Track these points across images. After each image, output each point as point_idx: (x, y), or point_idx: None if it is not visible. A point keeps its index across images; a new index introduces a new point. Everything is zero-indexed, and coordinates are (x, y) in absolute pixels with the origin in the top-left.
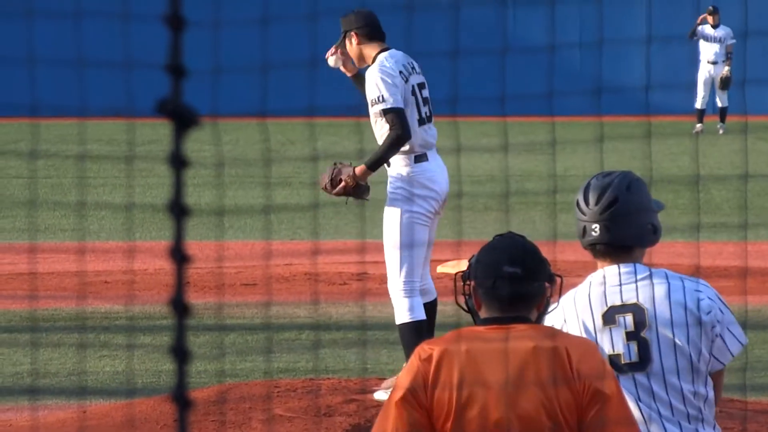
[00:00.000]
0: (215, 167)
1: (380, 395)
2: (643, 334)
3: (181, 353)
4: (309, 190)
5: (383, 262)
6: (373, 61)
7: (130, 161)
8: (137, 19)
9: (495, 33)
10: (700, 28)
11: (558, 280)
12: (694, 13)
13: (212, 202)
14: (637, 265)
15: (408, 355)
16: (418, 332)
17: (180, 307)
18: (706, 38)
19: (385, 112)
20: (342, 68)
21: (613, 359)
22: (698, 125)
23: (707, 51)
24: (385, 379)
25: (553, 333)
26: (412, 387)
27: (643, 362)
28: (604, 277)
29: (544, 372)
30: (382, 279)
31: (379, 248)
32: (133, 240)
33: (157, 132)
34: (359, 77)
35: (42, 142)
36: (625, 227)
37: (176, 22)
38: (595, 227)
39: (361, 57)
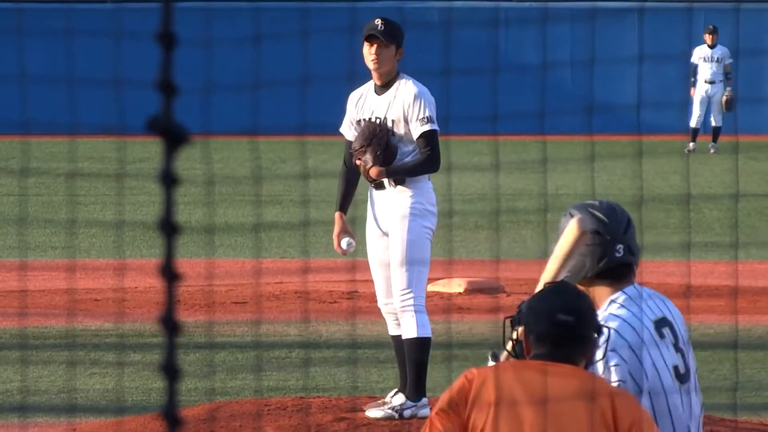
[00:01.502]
0: (206, 185)
1: (374, 413)
2: (680, 345)
3: (171, 371)
4: (299, 208)
5: (374, 281)
6: (395, 79)
7: (120, 179)
8: (128, 36)
9: (487, 52)
10: (696, 65)
11: (606, 331)
12: (686, 32)
13: (203, 220)
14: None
15: (409, 371)
16: (424, 349)
17: (170, 325)
18: (696, 83)
19: (428, 134)
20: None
21: (676, 371)
22: (691, 144)
23: (704, 71)
24: (375, 397)
25: (599, 379)
26: (453, 401)
27: (687, 372)
28: (629, 297)
29: (583, 414)
30: (373, 297)
31: (370, 267)
32: (123, 258)
33: (148, 150)
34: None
35: (33, 160)
36: (635, 246)
37: (167, 39)
38: (620, 247)
39: (386, 69)
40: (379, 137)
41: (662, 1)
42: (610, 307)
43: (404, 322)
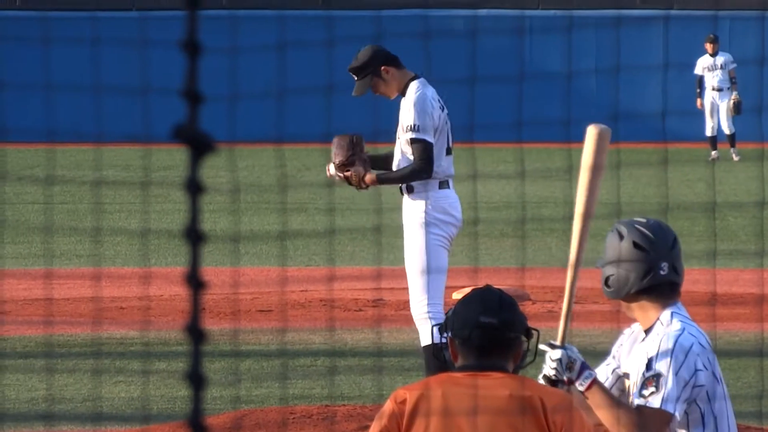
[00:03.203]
0: (231, 193)
1: None
2: None
3: (196, 379)
4: (325, 216)
5: (399, 289)
6: (406, 87)
7: (146, 187)
8: (153, 45)
9: (512, 59)
10: (701, 76)
11: (534, 333)
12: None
13: (228, 228)
14: None
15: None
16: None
17: (195, 333)
18: (703, 94)
19: (414, 142)
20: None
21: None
22: (713, 152)
23: (710, 79)
24: None
25: (529, 383)
26: (385, 428)
27: None
28: (683, 314)
29: (517, 420)
30: (398, 305)
31: (395, 274)
32: (148, 266)
33: (174, 158)
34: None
35: (58, 168)
36: (680, 266)
37: (193, 48)
38: (664, 265)
39: (396, 88)
40: (360, 146)
41: (687, 9)
42: (675, 318)
43: (421, 331)
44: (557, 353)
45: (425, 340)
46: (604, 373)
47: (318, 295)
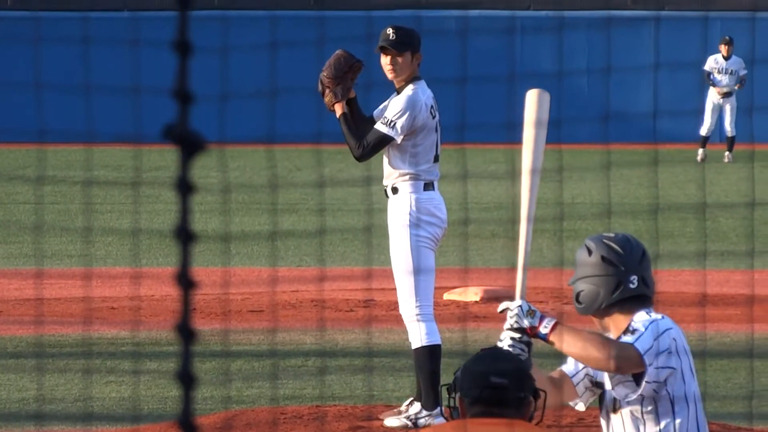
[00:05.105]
0: (222, 193)
1: (391, 421)
2: None
3: (187, 379)
4: (316, 216)
5: (390, 289)
6: (407, 83)
7: (136, 187)
8: (144, 45)
9: (503, 59)
10: (710, 72)
11: (542, 394)
12: (702, 40)
13: (219, 228)
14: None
15: (421, 380)
16: (433, 356)
17: (186, 333)
18: (717, 83)
19: (377, 129)
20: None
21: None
22: (700, 150)
23: (718, 81)
24: (391, 406)
25: (538, 429)
26: None
27: None
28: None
29: None
30: (389, 306)
31: (386, 275)
32: (139, 266)
33: (164, 158)
34: (353, 103)
35: (49, 168)
36: (650, 278)
37: (183, 48)
38: (633, 278)
39: (405, 77)
40: (354, 74)
41: (678, 10)
42: (652, 313)
43: (410, 332)
44: (516, 302)
45: (415, 341)
46: (572, 363)
47: (309, 296)
